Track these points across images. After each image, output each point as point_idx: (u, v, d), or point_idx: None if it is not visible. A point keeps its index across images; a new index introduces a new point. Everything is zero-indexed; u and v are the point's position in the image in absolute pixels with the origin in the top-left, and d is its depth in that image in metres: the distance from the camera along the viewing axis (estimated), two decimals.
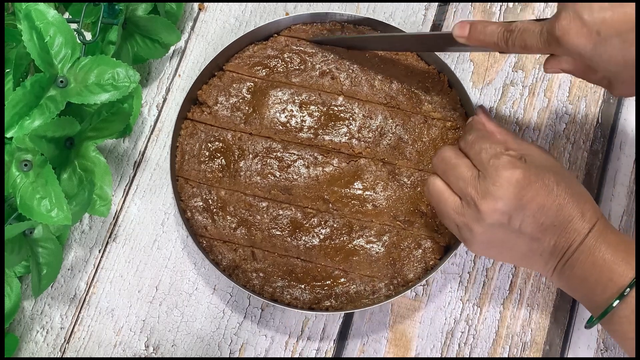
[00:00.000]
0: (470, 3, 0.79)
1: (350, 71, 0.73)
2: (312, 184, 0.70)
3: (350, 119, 0.72)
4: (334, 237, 0.69)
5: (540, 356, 0.70)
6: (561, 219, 0.57)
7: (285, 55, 0.74)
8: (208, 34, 0.79)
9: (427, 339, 0.70)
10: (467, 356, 0.70)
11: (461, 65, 0.78)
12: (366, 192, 0.70)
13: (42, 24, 0.63)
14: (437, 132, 0.72)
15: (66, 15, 0.75)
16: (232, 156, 0.71)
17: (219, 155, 0.71)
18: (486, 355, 0.70)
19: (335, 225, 0.69)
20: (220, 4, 0.80)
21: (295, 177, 0.70)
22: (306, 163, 0.71)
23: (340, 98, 0.73)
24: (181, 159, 0.71)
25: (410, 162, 0.71)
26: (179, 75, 0.78)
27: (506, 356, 0.69)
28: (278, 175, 0.70)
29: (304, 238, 0.69)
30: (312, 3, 0.80)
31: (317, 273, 0.68)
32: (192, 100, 0.73)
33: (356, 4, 0.79)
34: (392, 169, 0.71)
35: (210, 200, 0.70)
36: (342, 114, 0.72)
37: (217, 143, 0.71)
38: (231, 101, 0.72)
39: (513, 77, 0.77)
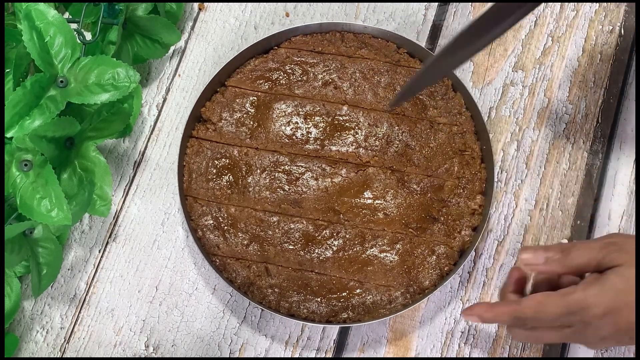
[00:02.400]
0: (470, 3, 0.79)
1: (353, 80, 0.73)
2: (322, 196, 0.70)
3: (356, 128, 0.72)
4: (347, 248, 0.69)
5: (540, 356, 0.70)
6: None
7: (287, 67, 0.73)
8: (208, 34, 0.79)
9: (427, 339, 0.70)
10: (467, 356, 0.70)
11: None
12: (376, 201, 0.70)
13: (42, 24, 0.63)
14: (444, 137, 0.71)
15: (66, 15, 0.75)
16: (239, 172, 0.71)
17: (226, 172, 0.71)
18: (486, 355, 0.69)
19: (347, 236, 0.69)
20: (220, 4, 0.80)
21: (304, 189, 0.70)
22: (314, 175, 0.70)
23: (345, 107, 0.72)
24: (189, 177, 0.71)
25: (418, 169, 0.71)
26: (179, 75, 0.78)
27: (506, 356, 0.69)
28: (287, 189, 0.70)
29: (317, 251, 0.69)
30: (312, 3, 0.80)
31: (333, 285, 0.68)
32: (196, 118, 0.73)
33: (356, 4, 0.79)
34: (401, 177, 0.70)
35: (220, 218, 0.69)
36: (347, 124, 0.72)
37: (223, 160, 0.71)
38: (235, 117, 0.72)
39: (513, 77, 0.77)
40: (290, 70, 0.73)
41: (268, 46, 0.74)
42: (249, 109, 0.72)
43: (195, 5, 0.80)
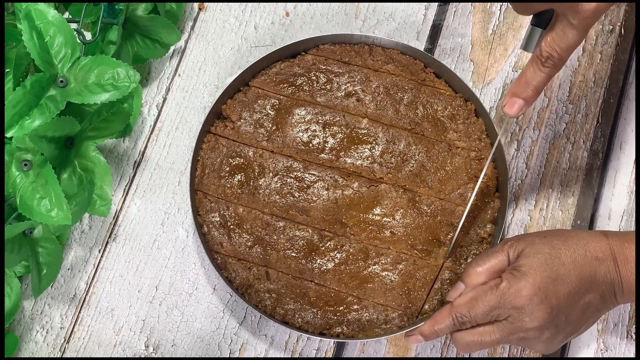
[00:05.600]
0: (470, 3, 0.79)
1: (376, 94, 0.72)
2: (331, 207, 0.70)
3: (373, 142, 0.71)
4: (350, 262, 0.68)
5: (540, 356, 0.70)
6: (588, 283, 0.59)
7: (312, 74, 0.73)
8: (208, 34, 0.79)
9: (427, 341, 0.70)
10: (467, 356, 0.70)
11: (461, 65, 0.78)
12: (385, 219, 0.69)
13: (42, 24, 0.63)
14: (461, 161, 0.70)
15: (66, 15, 0.75)
16: (252, 173, 0.71)
17: (239, 171, 0.71)
18: (486, 356, 0.69)
19: (351, 250, 0.68)
20: (220, 3, 0.80)
21: (314, 198, 0.70)
22: (326, 185, 0.70)
23: (365, 121, 0.72)
24: (201, 172, 0.71)
25: (431, 191, 0.70)
26: (179, 75, 0.78)
27: (506, 356, 0.69)
28: (297, 196, 0.70)
29: (319, 261, 0.68)
30: (312, 3, 0.80)
31: (330, 298, 0.67)
32: (216, 114, 0.73)
33: (356, 4, 0.79)
34: (412, 197, 0.70)
35: (227, 216, 0.69)
36: (365, 137, 0.71)
37: (238, 159, 0.71)
38: (255, 117, 0.72)
39: (513, 76, 0.77)
40: (314, 78, 0.73)
41: (296, 51, 0.74)
42: (269, 111, 0.72)
43: (195, 5, 0.80)
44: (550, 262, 0.59)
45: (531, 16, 0.61)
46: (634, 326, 0.70)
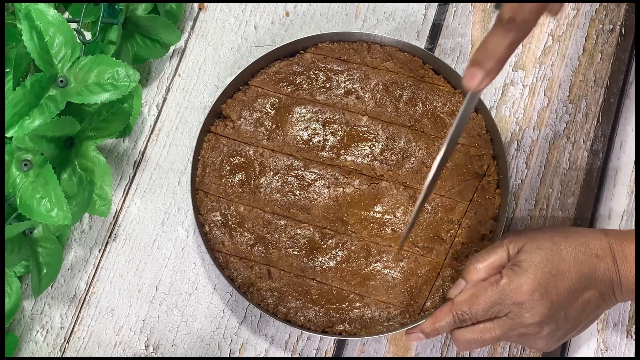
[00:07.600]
0: (470, 3, 0.79)
1: (375, 91, 0.72)
2: (332, 205, 0.70)
3: (374, 140, 0.71)
4: (351, 260, 0.68)
5: (540, 356, 0.70)
6: (588, 280, 0.59)
7: (311, 72, 0.73)
8: (208, 34, 0.79)
9: (427, 339, 0.70)
10: (467, 356, 0.70)
11: (461, 64, 0.77)
12: (386, 216, 0.69)
13: (42, 24, 0.63)
14: (461, 157, 0.70)
15: (66, 14, 0.75)
16: (253, 172, 0.71)
17: (240, 170, 0.71)
18: (486, 356, 0.69)
19: (352, 248, 0.69)
20: (220, 3, 0.80)
21: (315, 196, 0.70)
22: (327, 183, 0.70)
23: (365, 119, 0.72)
24: (202, 172, 0.71)
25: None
26: (179, 75, 0.78)
27: (506, 356, 0.69)
28: (298, 194, 0.70)
29: (320, 259, 0.68)
30: (312, 3, 0.80)
31: (332, 296, 0.67)
32: (216, 114, 0.73)
33: (356, 4, 0.79)
34: (413, 194, 0.70)
35: (228, 215, 0.69)
36: (365, 135, 0.72)
37: (238, 158, 0.71)
38: (255, 116, 0.72)
39: (513, 76, 0.77)
40: (314, 76, 0.73)
41: (294, 50, 0.74)
42: (269, 110, 0.72)
43: (195, 5, 0.80)
44: (551, 258, 0.59)
45: None
46: (634, 326, 0.70)
